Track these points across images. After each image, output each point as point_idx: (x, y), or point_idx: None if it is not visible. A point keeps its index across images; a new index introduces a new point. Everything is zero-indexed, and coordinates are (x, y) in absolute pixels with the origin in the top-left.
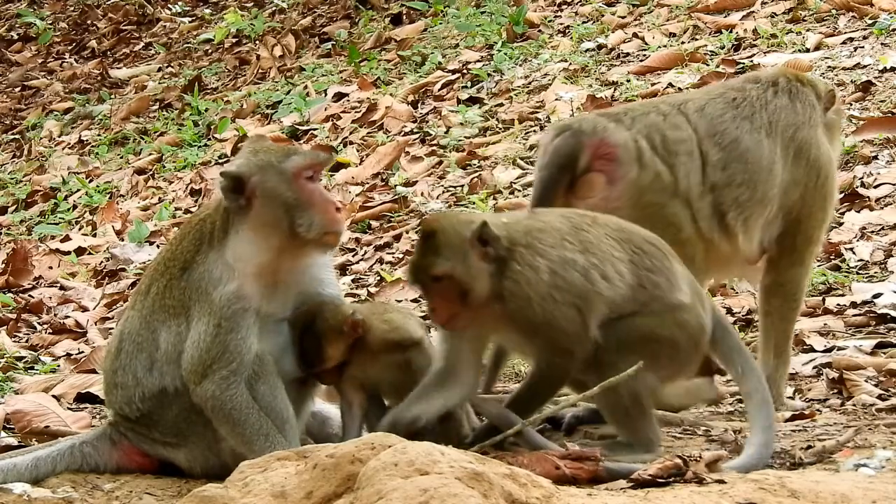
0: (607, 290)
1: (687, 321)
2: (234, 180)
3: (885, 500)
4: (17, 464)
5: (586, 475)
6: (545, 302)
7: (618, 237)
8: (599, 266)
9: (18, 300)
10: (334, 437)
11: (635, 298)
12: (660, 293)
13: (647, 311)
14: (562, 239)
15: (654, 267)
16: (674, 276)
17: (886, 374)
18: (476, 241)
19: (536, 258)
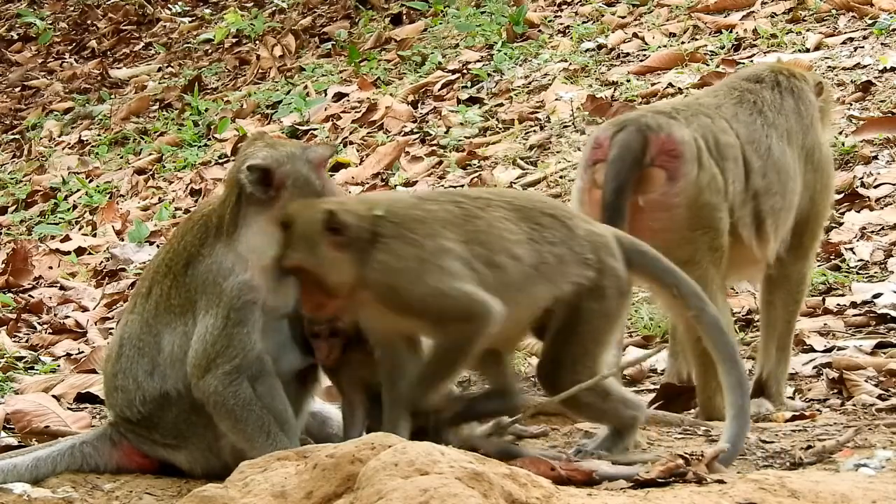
0: (495, 279)
1: (606, 286)
2: (263, 172)
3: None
4: (17, 464)
5: (581, 476)
6: (414, 287)
7: (515, 217)
8: (488, 255)
9: (18, 300)
10: (334, 437)
11: (543, 276)
12: (565, 267)
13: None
14: (442, 227)
15: (555, 239)
16: (576, 243)
17: (886, 374)
18: (325, 231)
19: (403, 247)
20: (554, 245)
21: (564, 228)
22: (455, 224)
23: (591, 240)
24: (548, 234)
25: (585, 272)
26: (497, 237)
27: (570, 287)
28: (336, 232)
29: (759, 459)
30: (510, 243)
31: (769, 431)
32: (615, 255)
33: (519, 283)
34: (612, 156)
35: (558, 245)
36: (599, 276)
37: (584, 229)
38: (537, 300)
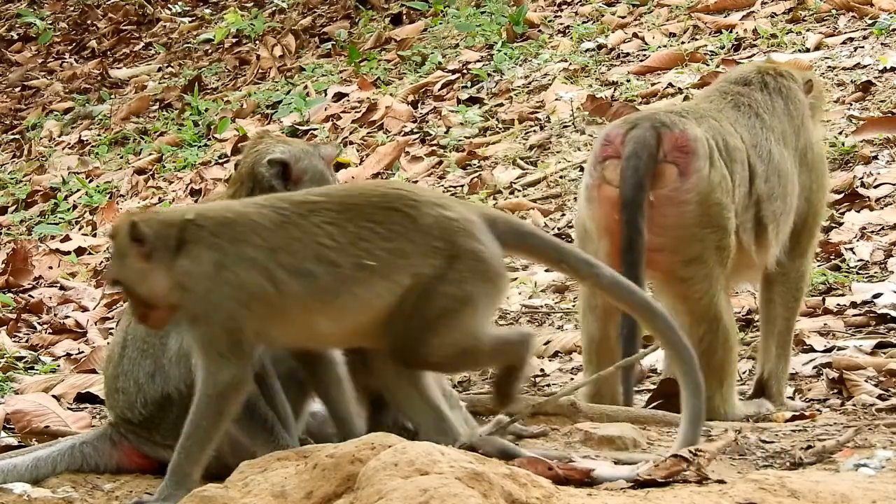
0: (302, 288)
1: (461, 270)
2: (282, 166)
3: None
4: (17, 464)
5: (579, 476)
6: (205, 299)
7: (343, 218)
8: (295, 264)
9: (18, 300)
10: (334, 438)
11: (373, 275)
12: (404, 259)
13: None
14: (251, 232)
15: (391, 233)
16: (419, 233)
17: (886, 374)
18: (131, 242)
19: (203, 252)
20: (389, 240)
21: (405, 219)
22: (267, 229)
23: (442, 225)
24: (382, 229)
25: (431, 260)
26: (310, 244)
27: (412, 279)
28: (140, 242)
29: (759, 459)
30: (327, 249)
31: (769, 431)
32: (477, 237)
33: (335, 289)
34: (628, 152)
35: (395, 239)
36: (451, 260)
37: (433, 216)
38: (368, 300)
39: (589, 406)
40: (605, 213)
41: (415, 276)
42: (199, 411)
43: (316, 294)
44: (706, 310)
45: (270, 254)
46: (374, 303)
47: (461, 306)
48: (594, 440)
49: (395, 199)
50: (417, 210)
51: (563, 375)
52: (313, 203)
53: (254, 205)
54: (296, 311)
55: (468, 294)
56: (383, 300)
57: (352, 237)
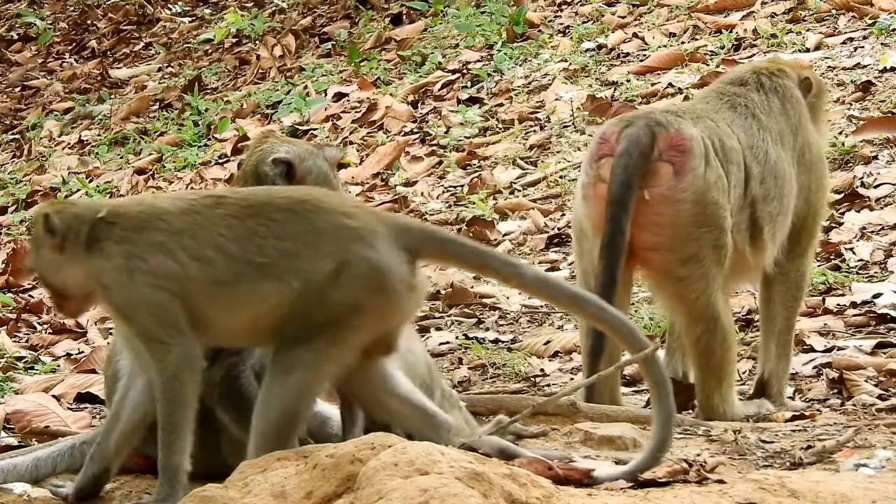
0: (201, 271)
1: (352, 276)
2: (287, 165)
3: (885, 500)
4: (17, 464)
5: (579, 476)
6: (125, 291)
7: (244, 214)
8: (196, 248)
9: (18, 300)
10: (334, 437)
11: (262, 272)
12: (293, 261)
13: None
14: (156, 218)
15: (285, 235)
16: (313, 237)
17: (886, 374)
18: (46, 233)
19: (113, 247)
20: (282, 240)
21: (303, 222)
22: (171, 214)
23: (338, 232)
24: (278, 229)
25: (322, 265)
26: (211, 232)
27: (301, 282)
28: (52, 234)
29: (759, 459)
30: (225, 239)
31: (769, 431)
32: (375, 246)
33: (228, 279)
34: (620, 149)
35: (288, 240)
36: (342, 266)
37: (331, 222)
38: (258, 295)
39: (589, 406)
40: (599, 212)
41: (305, 279)
42: (162, 401)
43: (214, 281)
44: (704, 309)
45: (174, 236)
46: (264, 300)
47: (348, 313)
48: (594, 440)
49: (298, 203)
50: (316, 215)
51: (563, 375)
52: (221, 197)
53: (165, 197)
54: (201, 298)
55: (355, 301)
56: (273, 298)
57: (248, 232)
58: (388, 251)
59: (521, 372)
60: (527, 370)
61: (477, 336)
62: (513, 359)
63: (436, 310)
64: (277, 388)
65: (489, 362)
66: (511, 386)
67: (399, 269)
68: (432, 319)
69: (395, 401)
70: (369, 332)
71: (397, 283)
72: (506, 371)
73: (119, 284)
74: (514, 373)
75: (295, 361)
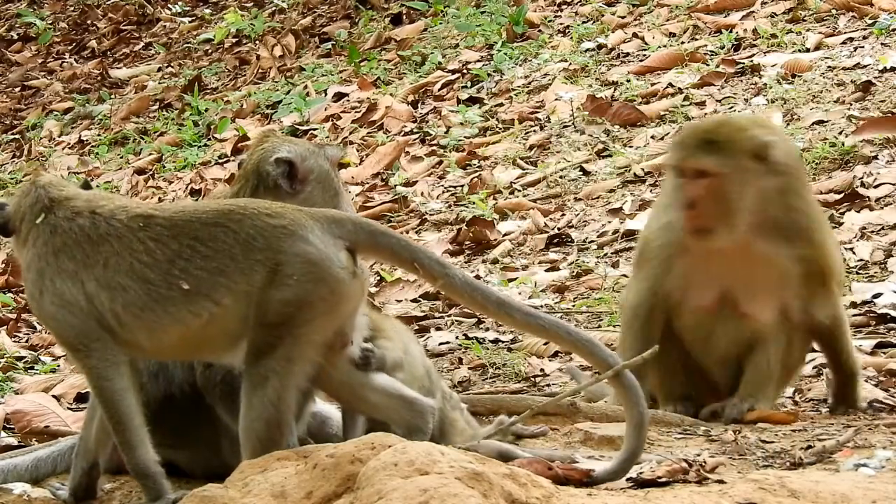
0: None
1: (290, 274)
2: (289, 165)
3: (885, 500)
4: (17, 464)
5: (579, 475)
6: (33, 300)
7: (168, 235)
8: (109, 278)
9: (18, 300)
10: (334, 437)
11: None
12: (223, 278)
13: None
14: (75, 245)
15: (211, 252)
16: (241, 248)
17: (886, 374)
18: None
19: (33, 255)
20: (209, 259)
21: (229, 235)
22: (90, 242)
23: (265, 234)
24: (203, 247)
25: (254, 275)
26: (127, 261)
27: (233, 297)
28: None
29: (759, 459)
30: (143, 266)
31: (769, 431)
32: (308, 240)
33: (147, 304)
34: None
35: (216, 257)
36: (277, 267)
37: (258, 227)
38: (182, 318)
39: (589, 406)
40: None
41: (236, 294)
42: (100, 404)
43: (129, 308)
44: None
45: (86, 267)
46: (190, 321)
47: (296, 310)
48: (594, 440)
49: (223, 216)
50: (241, 224)
51: (563, 375)
52: (149, 217)
53: (103, 212)
54: (116, 322)
55: (300, 297)
56: (202, 317)
57: (172, 255)
58: (321, 242)
59: (521, 372)
60: (527, 370)
61: (477, 336)
62: (513, 359)
63: (436, 310)
64: (256, 402)
65: (489, 362)
66: (511, 386)
67: (336, 257)
68: (432, 319)
69: (373, 393)
70: (323, 324)
71: (337, 271)
72: (506, 371)
73: (31, 296)
74: (514, 373)
75: (265, 373)
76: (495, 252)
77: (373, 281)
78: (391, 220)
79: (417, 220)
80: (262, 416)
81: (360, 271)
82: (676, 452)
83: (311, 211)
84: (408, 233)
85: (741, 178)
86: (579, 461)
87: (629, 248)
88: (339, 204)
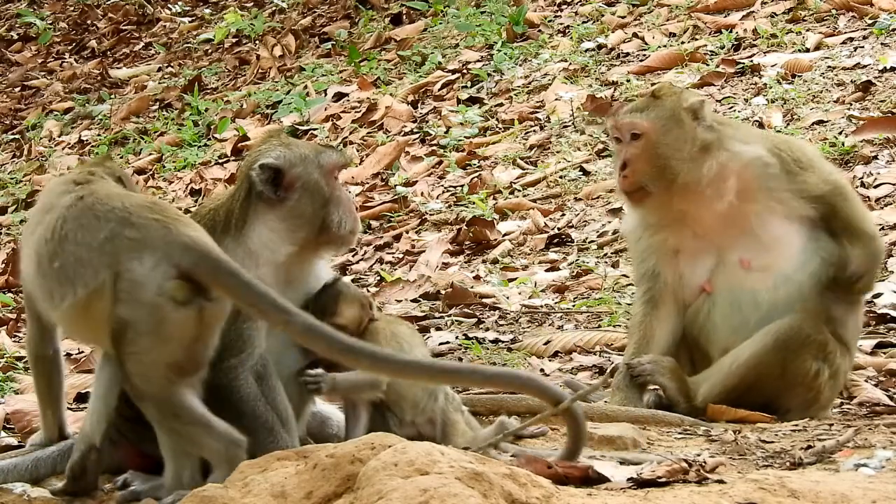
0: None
1: (120, 290)
2: (274, 171)
3: (885, 500)
4: (17, 464)
5: (578, 473)
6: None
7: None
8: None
9: (18, 300)
10: (334, 438)
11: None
12: (81, 268)
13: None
14: (29, 218)
15: (81, 240)
16: (96, 245)
17: (886, 374)
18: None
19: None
20: (78, 245)
21: (99, 231)
22: (33, 215)
23: (117, 243)
24: (80, 234)
25: (97, 276)
26: (33, 238)
27: (86, 290)
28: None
29: (759, 459)
30: (44, 244)
31: (769, 431)
32: (141, 258)
33: (37, 282)
34: None
35: (81, 246)
36: (116, 278)
37: (115, 232)
38: (57, 295)
39: (589, 406)
40: None
41: (89, 287)
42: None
43: (29, 283)
44: None
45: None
46: (59, 299)
47: (123, 327)
48: (594, 440)
49: (110, 211)
50: (108, 223)
51: (563, 375)
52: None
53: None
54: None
55: (124, 315)
56: (66, 302)
57: (59, 234)
58: (151, 264)
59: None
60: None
61: (477, 336)
62: (513, 359)
63: (436, 310)
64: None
65: (489, 362)
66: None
67: (158, 284)
68: (432, 319)
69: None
70: (151, 346)
71: (153, 297)
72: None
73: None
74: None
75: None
76: (495, 252)
77: (373, 281)
78: (391, 220)
79: (417, 220)
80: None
81: (198, 301)
82: (676, 452)
83: (178, 230)
84: (408, 233)
85: (672, 134)
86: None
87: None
88: (328, 214)
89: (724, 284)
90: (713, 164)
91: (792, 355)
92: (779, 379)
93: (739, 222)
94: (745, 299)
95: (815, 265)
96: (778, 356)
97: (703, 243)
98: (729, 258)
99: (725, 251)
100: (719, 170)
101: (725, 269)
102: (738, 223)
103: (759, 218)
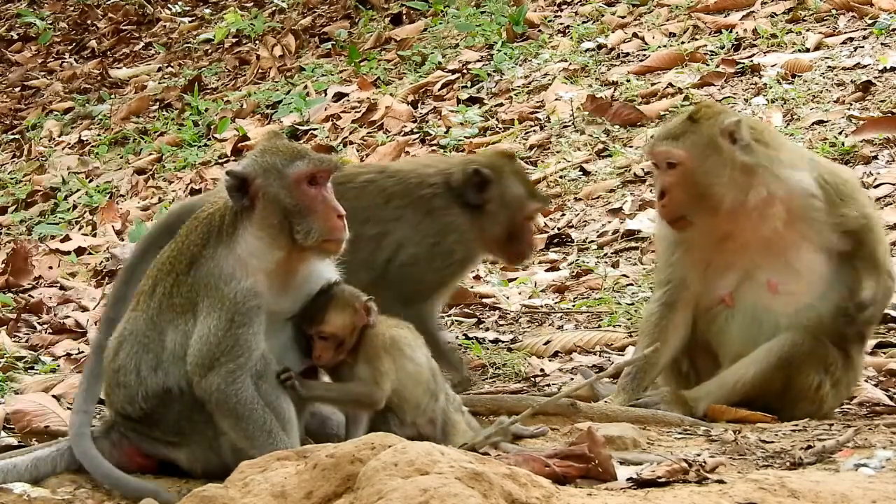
0: None
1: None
2: (239, 180)
3: (885, 500)
4: (17, 464)
5: (577, 472)
6: None
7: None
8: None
9: (18, 300)
10: (334, 438)
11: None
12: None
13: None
14: None
15: None
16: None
17: (886, 374)
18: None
19: None
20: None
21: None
22: None
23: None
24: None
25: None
26: None
27: None
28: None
29: (759, 459)
30: None
31: (769, 431)
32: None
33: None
34: None
35: None
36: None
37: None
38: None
39: (589, 406)
40: None
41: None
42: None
43: None
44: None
45: None
46: None
47: None
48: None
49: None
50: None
51: (563, 375)
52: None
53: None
54: None
55: None
56: None
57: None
58: None
59: (521, 372)
60: (527, 370)
61: (477, 336)
62: (513, 359)
63: None
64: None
65: (489, 362)
66: (511, 386)
67: None
68: None
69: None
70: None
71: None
72: (506, 371)
73: None
74: (514, 373)
75: None
76: None
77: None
78: None
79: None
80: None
81: None
82: (676, 452)
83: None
84: None
85: (710, 161)
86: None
87: (629, 248)
88: (294, 224)
89: (747, 301)
90: (762, 189)
91: (795, 371)
92: (781, 395)
93: (777, 247)
94: (766, 319)
95: (837, 298)
96: (781, 374)
97: (735, 258)
98: (758, 277)
99: (755, 270)
100: (767, 196)
101: (752, 287)
102: (775, 247)
103: (795, 245)
